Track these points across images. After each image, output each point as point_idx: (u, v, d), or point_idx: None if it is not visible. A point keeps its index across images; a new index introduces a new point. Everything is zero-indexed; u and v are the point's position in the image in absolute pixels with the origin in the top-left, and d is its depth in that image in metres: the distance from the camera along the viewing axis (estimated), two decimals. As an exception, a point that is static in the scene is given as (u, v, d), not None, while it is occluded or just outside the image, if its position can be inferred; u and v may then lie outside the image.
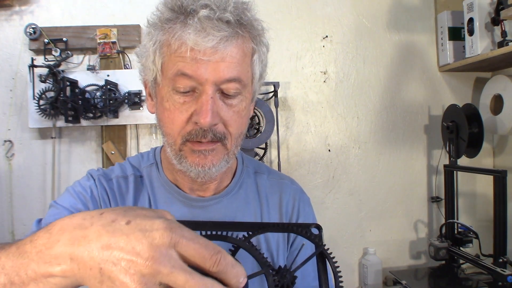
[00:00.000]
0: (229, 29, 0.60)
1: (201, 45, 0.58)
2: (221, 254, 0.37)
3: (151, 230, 0.36)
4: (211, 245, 0.37)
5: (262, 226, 0.45)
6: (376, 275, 1.61)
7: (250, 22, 0.64)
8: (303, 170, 1.67)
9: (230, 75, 0.61)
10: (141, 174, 0.76)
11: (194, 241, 0.36)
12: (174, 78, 0.61)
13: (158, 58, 0.63)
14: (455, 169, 1.60)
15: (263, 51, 0.69)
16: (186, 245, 0.36)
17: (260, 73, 0.69)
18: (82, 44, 1.52)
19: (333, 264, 0.46)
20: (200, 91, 0.61)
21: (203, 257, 0.36)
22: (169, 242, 0.35)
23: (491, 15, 1.48)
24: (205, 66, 0.59)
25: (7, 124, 1.54)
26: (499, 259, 1.35)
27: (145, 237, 0.35)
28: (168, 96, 0.63)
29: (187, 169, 0.65)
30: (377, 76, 1.73)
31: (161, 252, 0.35)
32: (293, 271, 0.44)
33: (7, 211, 1.53)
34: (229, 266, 0.37)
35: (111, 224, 0.37)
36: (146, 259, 0.34)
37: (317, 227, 0.47)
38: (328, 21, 1.70)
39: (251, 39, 0.65)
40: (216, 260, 0.36)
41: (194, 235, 0.37)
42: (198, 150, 0.63)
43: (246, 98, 0.66)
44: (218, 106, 0.62)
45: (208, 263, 0.36)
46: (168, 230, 0.36)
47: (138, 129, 1.59)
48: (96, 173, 0.75)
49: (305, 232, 0.46)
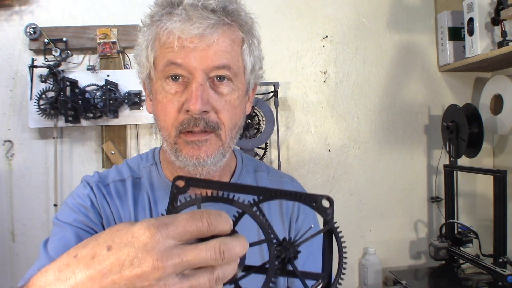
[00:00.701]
0: (215, 17, 0.61)
1: (188, 32, 0.60)
2: (207, 214, 0.36)
3: (135, 237, 0.35)
4: (196, 213, 0.36)
5: (272, 192, 0.43)
6: (376, 275, 1.61)
7: (237, 11, 0.65)
8: (303, 170, 1.67)
9: (219, 62, 0.62)
10: (139, 175, 0.76)
11: (179, 220, 0.35)
12: (164, 69, 0.63)
13: (150, 53, 0.65)
14: (455, 169, 1.60)
15: (254, 42, 0.69)
16: (175, 227, 0.35)
17: (252, 65, 0.69)
18: (82, 44, 1.52)
19: (341, 243, 0.44)
20: (190, 80, 0.62)
21: (196, 227, 0.35)
22: (159, 236, 0.34)
23: (491, 15, 1.48)
24: (193, 54, 0.61)
25: (7, 124, 1.54)
26: (499, 259, 1.35)
27: (135, 247, 0.34)
28: (161, 89, 0.64)
29: (184, 163, 0.65)
30: (377, 76, 1.73)
31: (159, 249, 0.34)
32: (298, 245, 0.42)
33: (7, 211, 1.53)
34: (218, 219, 0.36)
35: (93, 261, 0.36)
36: (152, 267, 0.33)
37: (328, 200, 0.44)
38: (328, 21, 1.70)
39: (239, 28, 0.66)
40: (208, 222, 0.36)
41: (174, 217, 0.36)
42: (191, 141, 0.63)
43: (238, 88, 0.66)
44: (209, 95, 0.62)
45: (204, 228, 0.36)
46: (151, 226, 0.35)
47: (138, 129, 1.59)
48: (92, 180, 0.74)
49: (314, 204, 0.44)
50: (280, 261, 0.42)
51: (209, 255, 0.35)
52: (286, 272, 0.42)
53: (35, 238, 1.53)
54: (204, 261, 0.35)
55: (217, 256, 0.35)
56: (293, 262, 0.42)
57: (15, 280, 1.53)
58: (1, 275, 1.53)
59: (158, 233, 0.34)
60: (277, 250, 0.41)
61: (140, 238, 0.34)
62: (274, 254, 0.41)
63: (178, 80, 0.63)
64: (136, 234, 0.35)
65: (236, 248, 0.36)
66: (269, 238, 0.41)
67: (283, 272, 0.42)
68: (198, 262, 0.35)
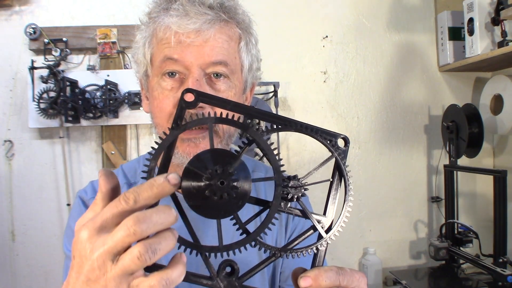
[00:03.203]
0: (212, 13, 0.61)
1: (185, 27, 0.60)
2: (131, 191, 0.36)
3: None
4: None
5: (287, 122, 0.42)
6: (376, 275, 1.61)
7: (234, 8, 0.65)
8: (303, 170, 1.67)
9: (216, 58, 0.62)
10: (135, 181, 0.74)
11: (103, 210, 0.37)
12: (161, 65, 0.63)
13: (148, 50, 0.65)
14: (455, 169, 1.60)
15: (252, 41, 0.69)
16: (103, 215, 0.36)
17: (249, 63, 0.69)
18: (82, 44, 1.52)
19: (347, 183, 0.44)
20: (187, 76, 0.62)
21: (116, 209, 0.36)
22: (87, 233, 0.36)
23: (491, 15, 1.48)
24: (190, 50, 0.60)
25: (7, 124, 1.54)
26: (499, 259, 1.35)
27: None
28: (157, 85, 0.64)
29: (180, 161, 0.64)
30: (377, 76, 1.73)
31: (89, 247, 0.35)
32: (305, 187, 0.42)
33: (7, 211, 1.53)
34: (137, 190, 0.36)
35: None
36: (90, 259, 0.35)
37: (344, 139, 0.43)
38: (328, 21, 1.69)
39: (236, 25, 0.66)
40: (126, 198, 0.36)
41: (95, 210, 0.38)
42: (188, 138, 0.62)
43: (235, 86, 0.66)
44: (205, 91, 0.61)
45: (125, 205, 0.36)
46: (80, 230, 0.36)
47: (138, 129, 1.59)
48: (86, 198, 0.72)
49: (329, 141, 0.43)
50: (285, 196, 0.41)
51: (120, 234, 0.35)
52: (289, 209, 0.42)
53: (35, 238, 1.53)
54: (121, 238, 0.35)
55: (130, 231, 0.34)
56: (300, 200, 0.41)
57: (15, 280, 1.53)
58: (1, 275, 1.53)
59: (85, 228, 0.36)
60: (284, 191, 0.40)
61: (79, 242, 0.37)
62: (280, 195, 0.40)
63: (174, 77, 0.63)
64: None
65: (153, 215, 0.35)
66: (278, 176, 0.40)
67: (286, 207, 0.41)
68: (121, 242, 0.35)
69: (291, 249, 0.42)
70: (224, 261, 0.40)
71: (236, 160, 0.38)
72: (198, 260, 0.40)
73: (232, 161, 0.37)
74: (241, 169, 0.38)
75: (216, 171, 0.36)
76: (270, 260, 0.42)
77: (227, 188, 0.36)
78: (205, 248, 0.40)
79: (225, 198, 0.36)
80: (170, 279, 0.36)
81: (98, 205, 0.39)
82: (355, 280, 0.42)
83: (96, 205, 0.40)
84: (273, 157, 0.40)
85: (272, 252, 0.42)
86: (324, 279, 0.40)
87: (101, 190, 0.39)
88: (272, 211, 0.40)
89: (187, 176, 0.37)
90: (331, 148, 0.43)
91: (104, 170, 0.40)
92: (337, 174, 0.44)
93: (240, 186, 0.37)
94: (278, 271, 0.76)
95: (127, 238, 0.34)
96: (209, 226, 0.69)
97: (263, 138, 0.40)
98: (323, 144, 0.43)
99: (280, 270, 0.76)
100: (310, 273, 0.40)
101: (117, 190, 0.40)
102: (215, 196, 0.36)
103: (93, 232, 0.36)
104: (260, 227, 0.40)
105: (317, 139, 0.43)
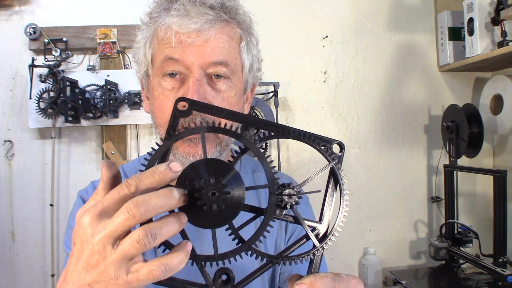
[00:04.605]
0: (213, 13, 0.61)
1: (186, 27, 0.60)
2: (132, 179, 0.37)
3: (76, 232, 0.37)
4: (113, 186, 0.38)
5: (281, 129, 0.41)
6: (376, 275, 1.61)
7: (235, 8, 0.65)
8: (303, 170, 1.67)
9: (216, 58, 0.62)
10: None
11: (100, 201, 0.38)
12: (162, 65, 0.63)
13: (148, 50, 0.65)
14: (455, 169, 1.60)
15: (253, 41, 0.69)
16: (105, 201, 0.37)
17: (250, 64, 0.69)
18: (82, 44, 1.52)
19: (342, 188, 0.43)
20: (187, 76, 0.62)
21: (117, 194, 0.36)
22: (88, 218, 0.36)
23: (491, 15, 1.48)
24: (191, 50, 0.60)
25: (7, 124, 1.54)
26: (499, 259, 1.35)
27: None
28: (158, 85, 0.64)
29: (180, 161, 0.64)
30: (377, 76, 1.73)
31: (90, 231, 0.36)
32: (299, 195, 0.41)
33: (7, 211, 1.53)
34: (139, 177, 0.37)
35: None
36: (87, 242, 0.36)
37: (339, 145, 0.43)
38: (328, 21, 1.69)
39: (237, 25, 0.66)
40: (127, 185, 0.36)
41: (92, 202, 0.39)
42: (188, 139, 0.62)
43: (236, 86, 0.66)
44: (206, 91, 0.62)
45: (126, 191, 0.36)
46: (81, 216, 0.37)
47: (138, 129, 1.59)
48: (88, 196, 0.73)
49: (323, 147, 0.42)
50: (279, 204, 0.41)
51: (121, 217, 0.35)
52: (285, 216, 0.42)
53: (35, 238, 1.53)
54: (121, 222, 0.35)
55: (129, 214, 0.34)
56: (294, 208, 0.41)
57: (15, 280, 1.53)
58: (1, 275, 1.53)
59: (86, 215, 0.37)
60: (278, 199, 0.40)
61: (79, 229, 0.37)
62: (274, 202, 0.40)
63: (175, 77, 0.63)
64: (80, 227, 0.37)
65: (152, 199, 0.35)
66: (271, 184, 0.39)
67: (281, 215, 0.41)
68: (121, 226, 0.35)
69: (287, 256, 0.42)
70: (219, 269, 0.40)
71: (229, 170, 0.38)
72: (194, 268, 0.41)
73: (226, 171, 0.38)
74: (234, 179, 0.38)
75: (209, 181, 0.36)
76: (266, 268, 0.42)
77: (218, 199, 0.36)
78: (200, 257, 0.40)
79: (216, 209, 0.36)
80: (170, 265, 0.36)
81: (100, 194, 0.40)
82: (352, 286, 0.42)
83: (97, 194, 0.40)
84: (267, 165, 0.40)
85: (268, 259, 0.42)
86: (320, 286, 0.40)
87: (103, 179, 0.40)
88: (266, 218, 0.40)
89: (181, 186, 0.37)
90: (329, 158, 0.43)
91: (106, 160, 0.41)
92: (332, 180, 0.44)
93: (233, 196, 0.37)
94: (277, 272, 0.76)
95: (127, 222, 0.35)
96: (207, 231, 0.69)
97: (256, 146, 0.40)
98: (320, 152, 0.43)
99: (279, 271, 0.76)
100: (306, 280, 0.40)
101: (118, 179, 0.41)
102: (205, 207, 0.36)
103: (95, 217, 0.36)
104: (255, 235, 0.40)
105: (314, 147, 0.43)
